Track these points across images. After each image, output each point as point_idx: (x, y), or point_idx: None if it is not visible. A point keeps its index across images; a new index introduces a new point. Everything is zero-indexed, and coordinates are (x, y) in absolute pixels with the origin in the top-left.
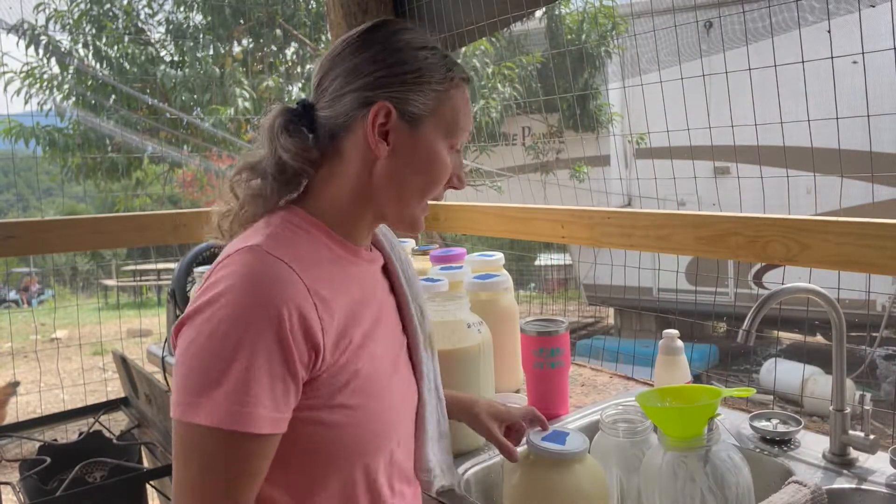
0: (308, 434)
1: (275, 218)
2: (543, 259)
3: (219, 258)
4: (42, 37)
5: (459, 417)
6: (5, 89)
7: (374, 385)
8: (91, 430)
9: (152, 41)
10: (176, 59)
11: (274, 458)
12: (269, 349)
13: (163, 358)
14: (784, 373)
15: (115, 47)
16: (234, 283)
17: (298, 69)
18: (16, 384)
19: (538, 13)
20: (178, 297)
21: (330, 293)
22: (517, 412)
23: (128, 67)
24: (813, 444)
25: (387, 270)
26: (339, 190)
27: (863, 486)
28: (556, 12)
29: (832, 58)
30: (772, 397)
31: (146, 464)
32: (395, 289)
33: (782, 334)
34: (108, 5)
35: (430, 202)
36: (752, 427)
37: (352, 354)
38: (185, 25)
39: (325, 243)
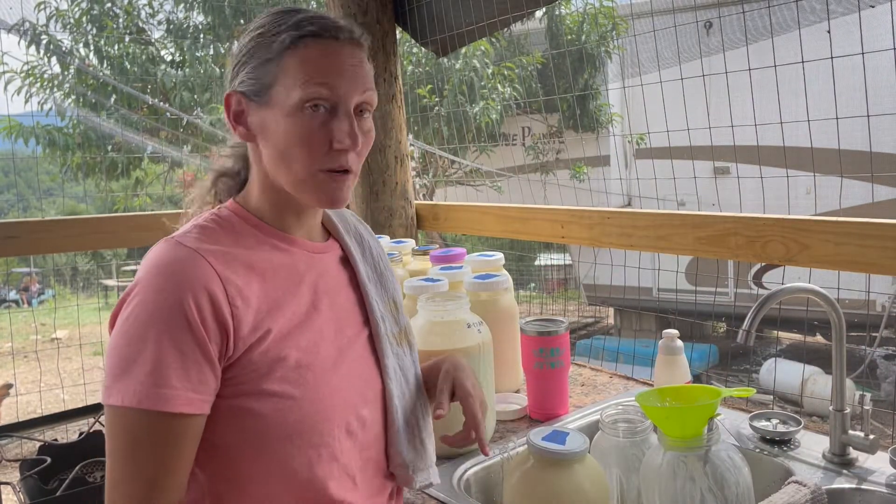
0: (236, 421)
1: (204, 213)
2: (543, 259)
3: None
4: (43, 36)
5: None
6: (5, 88)
7: (307, 374)
8: (91, 430)
9: (153, 41)
10: (176, 58)
11: (206, 445)
12: (179, 331)
13: None
14: (784, 373)
15: (116, 47)
16: (145, 274)
17: None
18: (9, 386)
19: (538, 13)
20: None
21: (245, 281)
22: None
23: (128, 67)
24: (813, 444)
25: (348, 262)
26: (256, 181)
27: (862, 486)
28: (556, 12)
29: (832, 58)
30: (772, 397)
31: None
32: (355, 280)
33: (782, 334)
34: (108, 5)
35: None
36: (752, 427)
37: (275, 342)
38: (185, 25)
39: (253, 233)
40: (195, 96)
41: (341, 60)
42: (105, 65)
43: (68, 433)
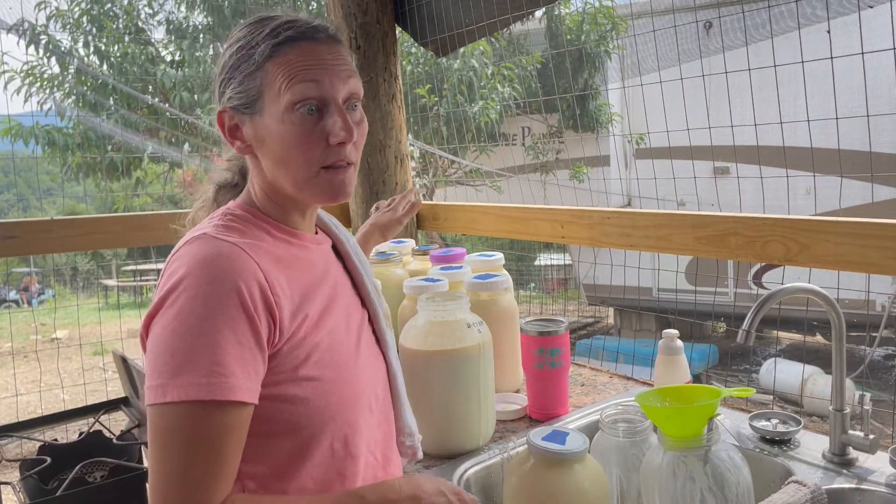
0: (280, 409)
1: (216, 213)
2: (543, 259)
3: (170, 255)
4: (42, 36)
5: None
6: (5, 88)
7: (337, 356)
8: (91, 430)
9: (153, 41)
10: (176, 58)
11: (254, 437)
12: (235, 320)
13: None
14: (784, 373)
15: (116, 47)
16: (190, 269)
17: None
18: None
19: (538, 13)
20: None
21: (279, 271)
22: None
23: (128, 67)
24: (813, 444)
25: (337, 252)
26: (259, 188)
27: (862, 486)
28: (556, 12)
29: (832, 58)
30: (772, 397)
31: (146, 464)
32: (348, 268)
33: (782, 334)
34: (108, 5)
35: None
36: (752, 427)
37: (309, 329)
38: (185, 25)
39: (267, 230)
40: (195, 96)
41: (322, 57)
42: (105, 65)
43: (68, 433)
